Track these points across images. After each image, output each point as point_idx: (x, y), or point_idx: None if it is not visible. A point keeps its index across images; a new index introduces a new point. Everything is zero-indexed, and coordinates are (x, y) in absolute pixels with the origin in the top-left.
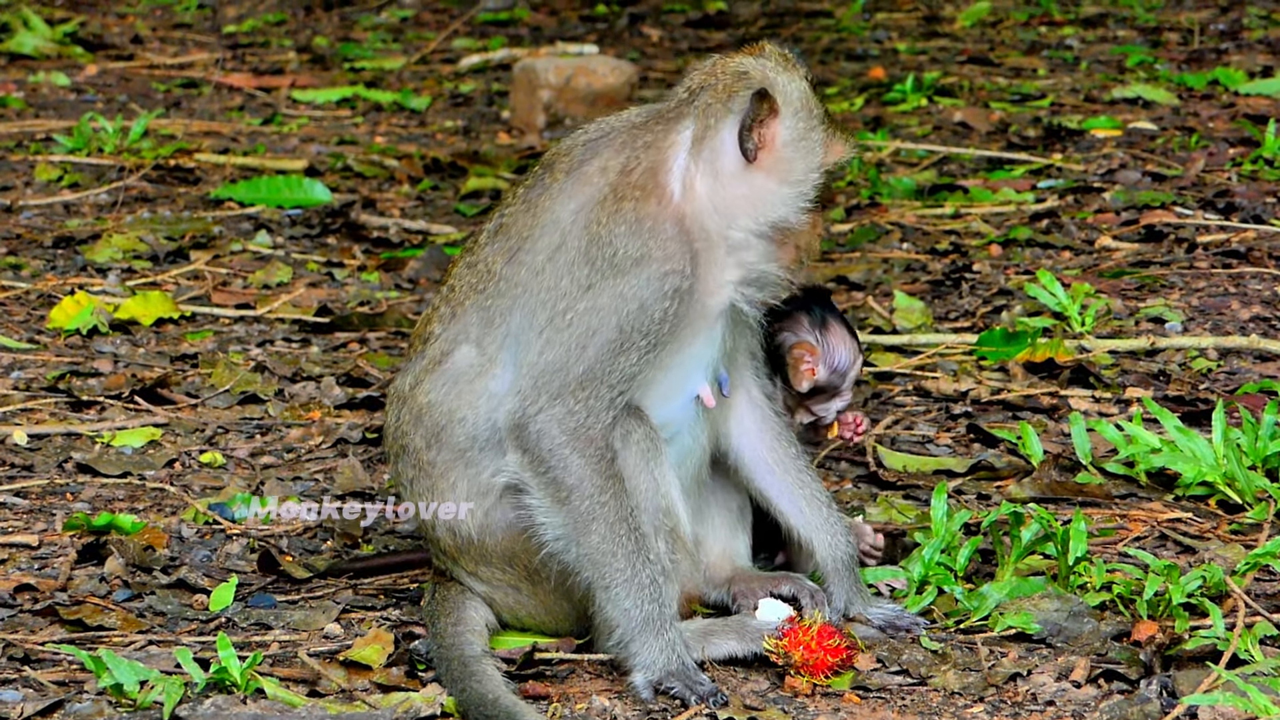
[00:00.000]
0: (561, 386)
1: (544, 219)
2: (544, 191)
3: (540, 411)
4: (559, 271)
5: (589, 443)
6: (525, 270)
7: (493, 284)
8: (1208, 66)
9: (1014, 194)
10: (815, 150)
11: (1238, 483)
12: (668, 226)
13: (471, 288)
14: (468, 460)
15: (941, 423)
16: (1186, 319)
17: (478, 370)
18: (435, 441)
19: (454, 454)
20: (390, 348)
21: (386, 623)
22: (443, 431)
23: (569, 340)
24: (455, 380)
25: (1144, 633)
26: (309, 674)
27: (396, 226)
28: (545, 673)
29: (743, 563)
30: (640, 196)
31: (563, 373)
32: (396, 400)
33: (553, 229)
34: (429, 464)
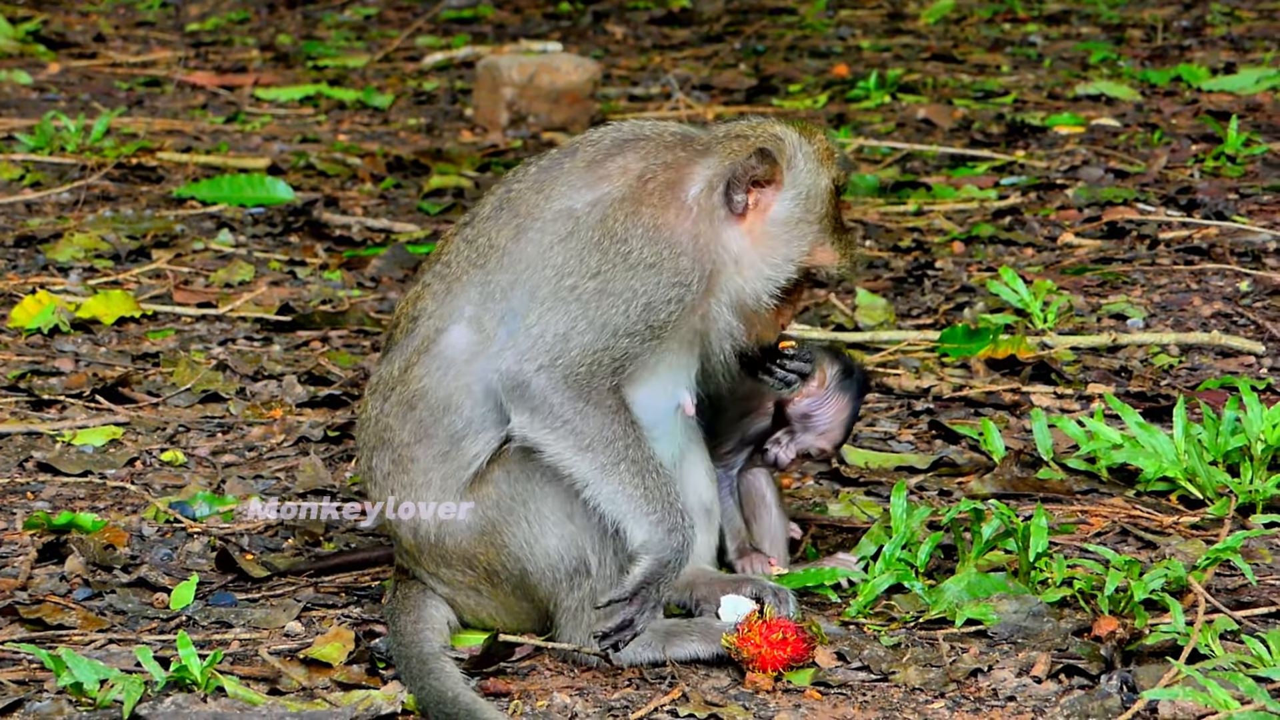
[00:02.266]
0: (562, 351)
1: (556, 203)
2: (560, 176)
3: (540, 370)
4: (569, 254)
5: (601, 394)
6: (532, 247)
7: (495, 258)
8: (1171, 63)
9: (977, 191)
10: (802, 241)
11: (1199, 478)
12: (684, 241)
13: (470, 262)
14: (450, 455)
15: (904, 419)
16: (1148, 315)
17: (475, 350)
18: (424, 435)
19: (443, 446)
20: (352, 346)
21: (347, 621)
22: (435, 423)
23: (574, 312)
24: (450, 363)
25: (1105, 628)
26: (269, 672)
27: (359, 225)
28: (506, 670)
29: (705, 564)
30: (659, 205)
31: (564, 340)
32: (382, 388)
33: (566, 216)
34: (410, 459)
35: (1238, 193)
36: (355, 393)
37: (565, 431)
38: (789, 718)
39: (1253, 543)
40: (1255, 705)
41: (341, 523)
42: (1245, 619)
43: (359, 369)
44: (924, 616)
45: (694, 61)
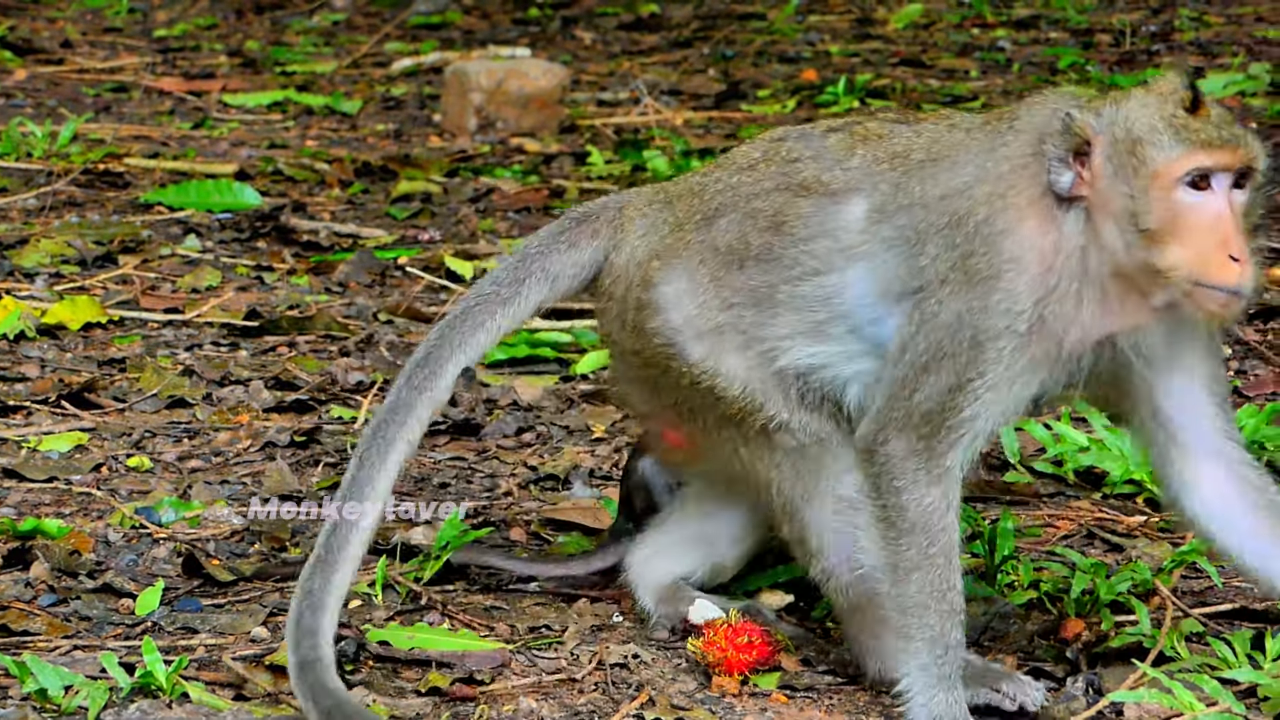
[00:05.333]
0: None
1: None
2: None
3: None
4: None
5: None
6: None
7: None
8: (1139, 68)
9: None
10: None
11: None
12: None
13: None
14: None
15: None
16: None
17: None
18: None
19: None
20: (320, 351)
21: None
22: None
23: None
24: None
25: (1071, 630)
26: (234, 678)
27: (327, 230)
28: (474, 674)
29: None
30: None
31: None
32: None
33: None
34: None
35: None
36: (322, 397)
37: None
38: None
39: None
40: (1221, 707)
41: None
42: (1211, 621)
43: (326, 374)
44: None
45: (663, 67)
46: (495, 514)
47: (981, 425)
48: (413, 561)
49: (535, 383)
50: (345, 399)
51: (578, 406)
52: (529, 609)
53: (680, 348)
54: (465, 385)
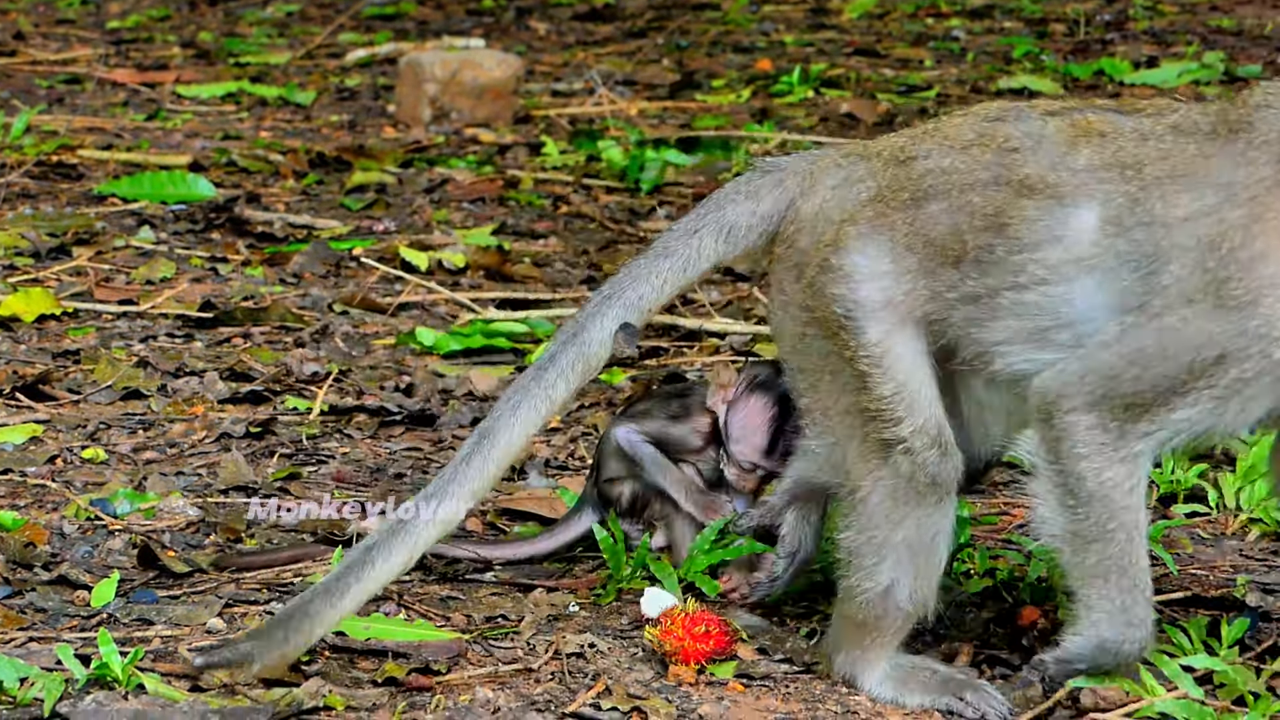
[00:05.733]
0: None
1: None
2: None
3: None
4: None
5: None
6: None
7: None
8: (1093, 57)
9: None
10: None
11: None
12: None
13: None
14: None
15: None
16: None
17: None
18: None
19: None
20: (275, 342)
21: (269, 617)
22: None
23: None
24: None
25: (1026, 618)
26: (191, 669)
27: (281, 221)
28: (431, 664)
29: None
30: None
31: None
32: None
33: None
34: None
35: None
36: (277, 388)
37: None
38: (712, 710)
39: (1174, 532)
40: (1178, 693)
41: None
42: (1166, 608)
43: (281, 365)
44: None
45: (617, 57)
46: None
47: (1190, 428)
48: None
49: (491, 373)
50: (300, 390)
51: None
52: (485, 599)
53: (857, 322)
54: (626, 342)
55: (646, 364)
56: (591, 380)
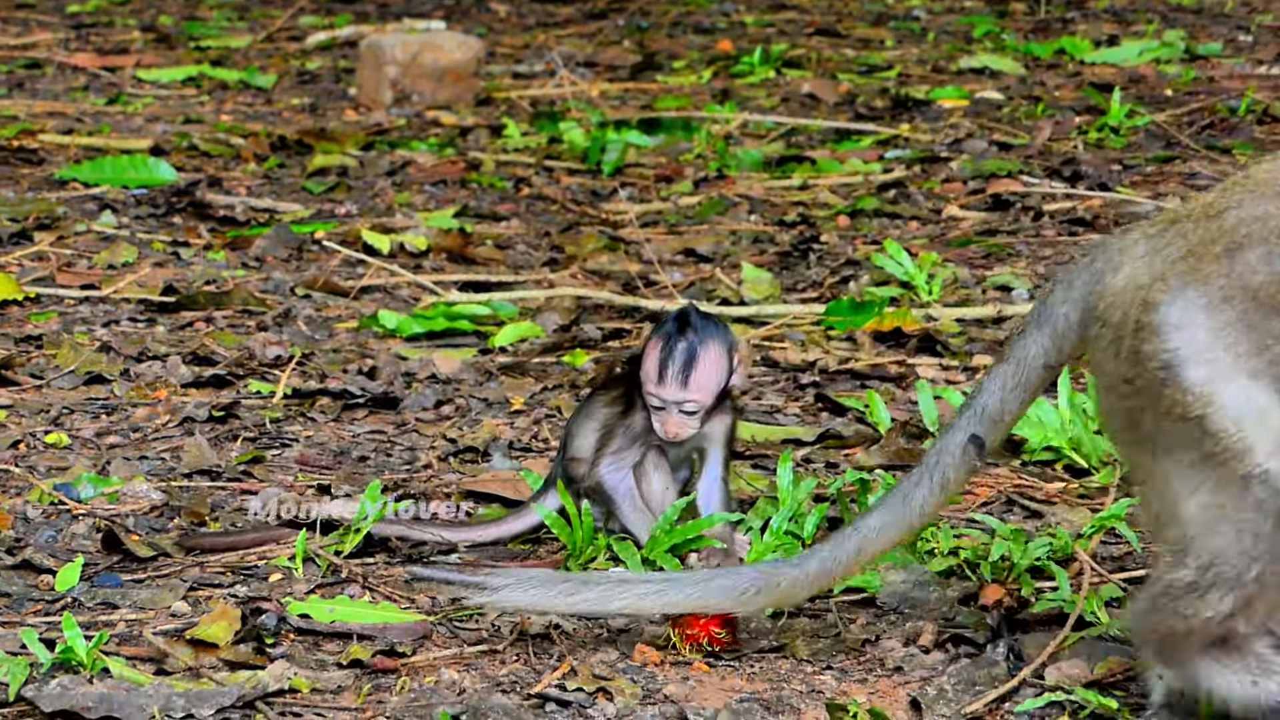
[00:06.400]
0: None
1: None
2: None
3: None
4: None
5: None
6: None
7: None
8: (1054, 36)
9: (861, 164)
10: None
11: (1083, 447)
12: None
13: None
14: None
15: (790, 392)
16: (1033, 287)
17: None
18: None
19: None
20: (237, 326)
21: (234, 599)
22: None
23: None
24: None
25: (991, 597)
26: (155, 653)
27: (243, 205)
28: (396, 647)
29: None
30: None
31: None
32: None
33: None
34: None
35: (1121, 164)
36: (240, 372)
37: None
38: (677, 690)
39: (1136, 510)
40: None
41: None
42: (1131, 586)
43: (244, 349)
44: None
45: (578, 39)
46: (415, 487)
47: None
48: (333, 535)
49: (454, 355)
50: (263, 374)
51: (496, 379)
52: None
53: (1178, 369)
54: (976, 455)
55: (609, 345)
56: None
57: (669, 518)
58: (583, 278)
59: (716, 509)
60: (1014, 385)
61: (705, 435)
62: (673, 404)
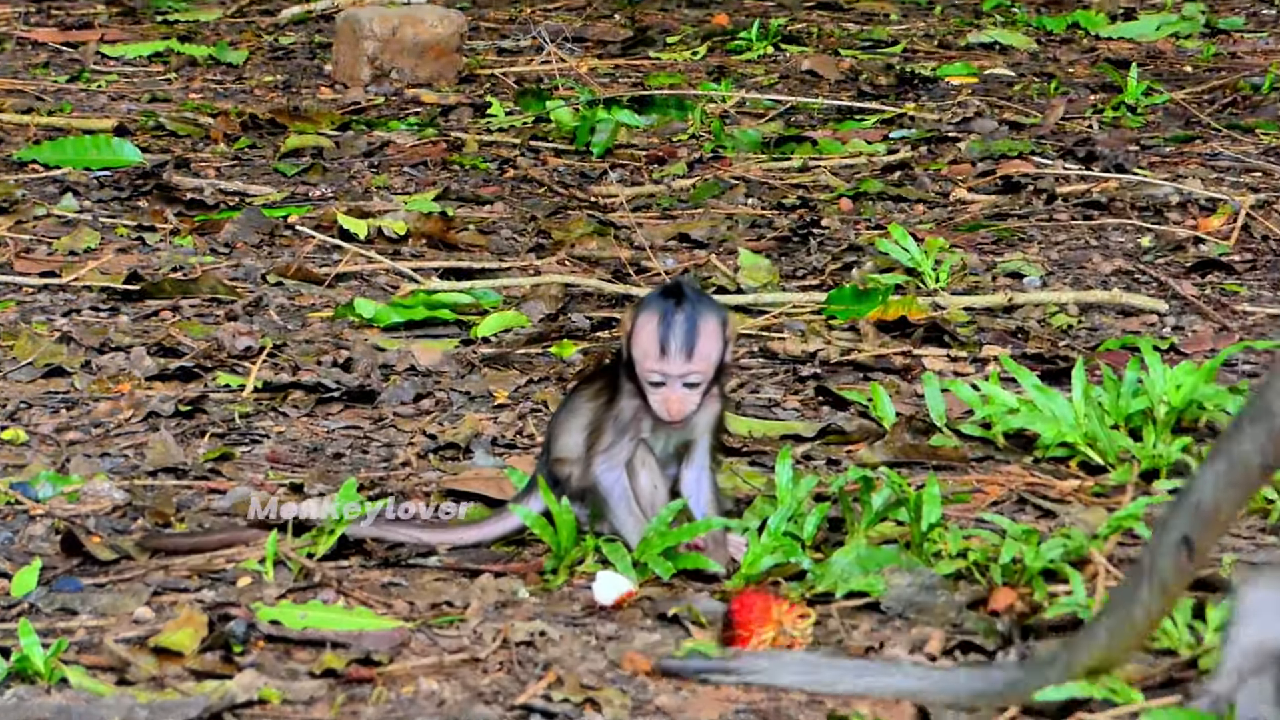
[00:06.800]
0: None
1: None
2: None
3: None
4: None
5: None
6: None
7: None
8: (1068, 9)
9: (865, 145)
10: None
11: (1099, 443)
12: None
13: None
14: None
15: (789, 385)
16: (1046, 273)
17: None
18: None
19: None
20: (205, 315)
21: (200, 605)
22: None
23: None
24: None
25: (1001, 601)
26: (117, 661)
27: (212, 188)
28: (371, 655)
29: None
30: None
31: None
32: None
33: None
34: None
35: (1138, 144)
36: (208, 364)
37: None
38: (670, 701)
39: (1156, 510)
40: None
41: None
42: None
43: (212, 340)
44: (811, 591)
45: (566, 12)
46: (393, 485)
47: None
48: (305, 536)
49: (434, 346)
50: (233, 366)
51: (479, 371)
52: (429, 585)
53: None
54: (1188, 558)
55: (598, 335)
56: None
57: (663, 519)
58: (570, 264)
59: (704, 503)
60: (1227, 484)
61: (693, 426)
62: (676, 378)
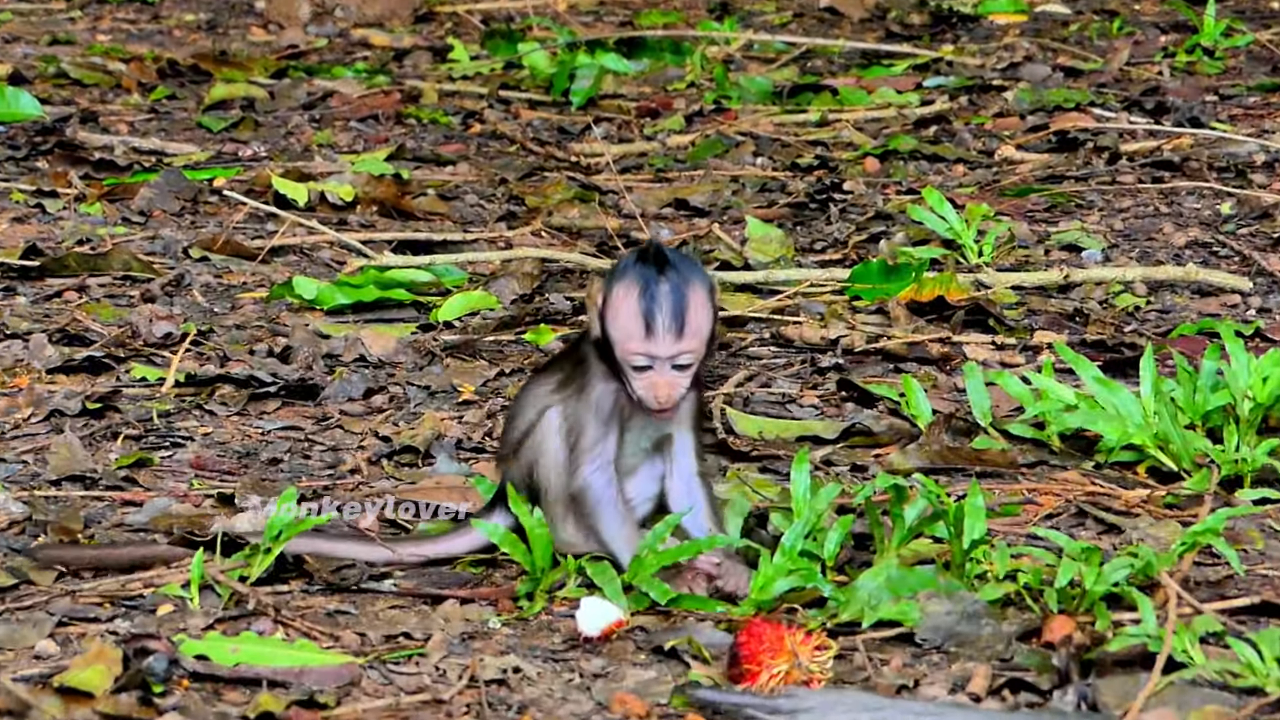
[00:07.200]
0: None
1: None
2: None
3: None
4: None
5: None
6: None
7: None
8: None
9: (894, 95)
10: None
11: (1172, 445)
12: None
13: None
14: None
15: (806, 378)
16: (1108, 246)
17: None
18: None
19: None
20: (117, 297)
21: (113, 637)
22: None
23: None
24: None
25: (1057, 632)
26: (15, 704)
27: (124, 146)
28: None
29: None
30: None
31: None
32: None
33: None
34: None
35: (1216, 94)
36: (120, 354)
37: None
38: None
39: (1239, 523)
40: None
41: (105, 517)
42: (1232, 617)
43: (125, 325)
44: (834, 620)
45: None
46: (340, 495)
47: None
48: (237, 556)
49: (387, 332)
50: (149, 356)
51: (440, 362)
52: (383, 613)
53: None
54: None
55: (580, 319)
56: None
57: (659, 534)
58: (548, 235)
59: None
60: None
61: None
62: (665, 360)
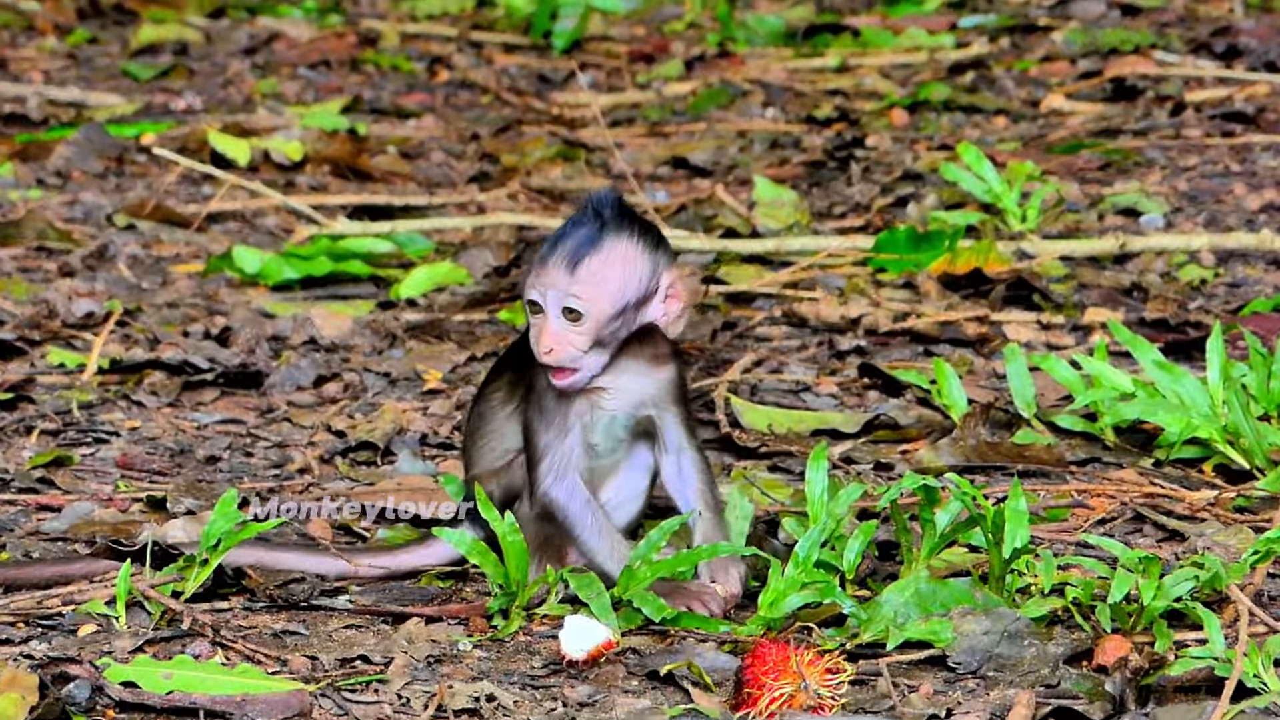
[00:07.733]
0: None
1: None
2: None
3: None
4: None
5: None
6: None
7: None
8: None
9: (924, 37)
10: None
11: (1243, 439)
12: None
13: None
14: None
15: (823, 363)
16: (1171, 210)
17: None
18: None
19: None
20: (31, 271)
21: (28, 661)
22: None
23: None
24: None
25: (1111, 654)
26: None
27: (38, 97)
28: None
29: None
30: None
31: None
32: None
33: None
34: None
35: None
36: (35, 337)
37: None
38: None
39: None
40: None
41: (17, 524)
42: None
43: (40, 303)
44: (854, 641)
45: None
46: (287, 499)
47: None
48: (170, 568)
49: (342, 311)
50: (69, 339)
51: (402, 345)
52: (337, 633)
53: None
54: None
55: None
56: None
57: (653, 543)
58: (526, 198)
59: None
60: None
61: (649, 398)
62: (553, 298)
